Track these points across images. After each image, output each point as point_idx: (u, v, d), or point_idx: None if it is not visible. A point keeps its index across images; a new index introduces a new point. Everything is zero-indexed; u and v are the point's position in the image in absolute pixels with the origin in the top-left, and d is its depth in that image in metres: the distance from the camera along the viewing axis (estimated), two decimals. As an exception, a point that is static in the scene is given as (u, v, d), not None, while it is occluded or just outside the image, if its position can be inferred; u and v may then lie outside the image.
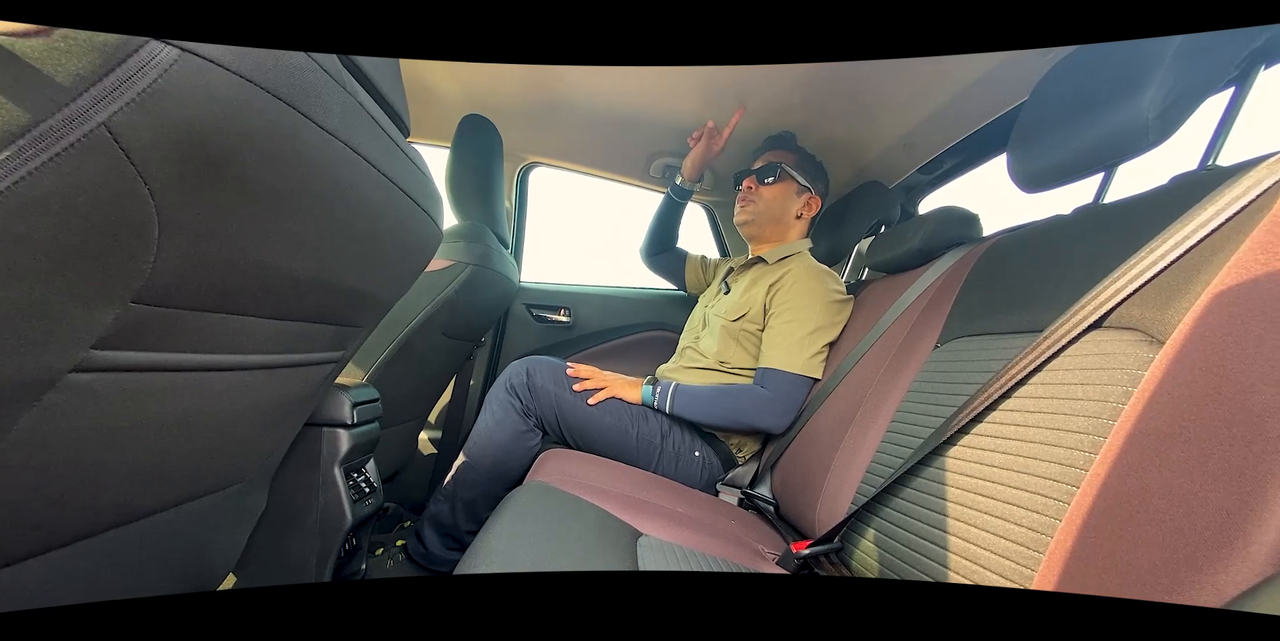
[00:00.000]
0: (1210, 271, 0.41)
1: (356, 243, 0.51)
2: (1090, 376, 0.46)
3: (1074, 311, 0.50)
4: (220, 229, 0.35)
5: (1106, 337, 0.47)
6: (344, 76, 0.42)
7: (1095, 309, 0.49)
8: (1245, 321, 0.34)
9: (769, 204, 1.19)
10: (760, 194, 1.19)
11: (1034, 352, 0.52)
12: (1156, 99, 0.50)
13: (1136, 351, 0.43)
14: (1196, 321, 0.38)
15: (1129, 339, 0.45)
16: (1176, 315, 0.41)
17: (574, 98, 1.32)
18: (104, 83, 0.26)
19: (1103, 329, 0.49)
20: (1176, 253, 0.44)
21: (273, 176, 0.36)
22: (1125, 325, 0.46)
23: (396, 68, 0.58)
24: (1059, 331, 0.51)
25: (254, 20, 0.33)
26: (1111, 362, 0.45)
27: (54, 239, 0.28)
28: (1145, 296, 0.46)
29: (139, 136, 0.28)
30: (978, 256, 0.79)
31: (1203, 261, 0.42)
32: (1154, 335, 0.43)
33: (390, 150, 0.50)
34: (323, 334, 0.59)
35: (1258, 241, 0.37)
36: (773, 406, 1.01)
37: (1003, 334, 0.62)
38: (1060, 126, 0.61)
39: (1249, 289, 0.35)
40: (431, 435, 1.66)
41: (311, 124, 0.37)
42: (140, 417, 0.39)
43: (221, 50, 0.30)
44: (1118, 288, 0.48)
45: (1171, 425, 0.35)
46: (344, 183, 0.43)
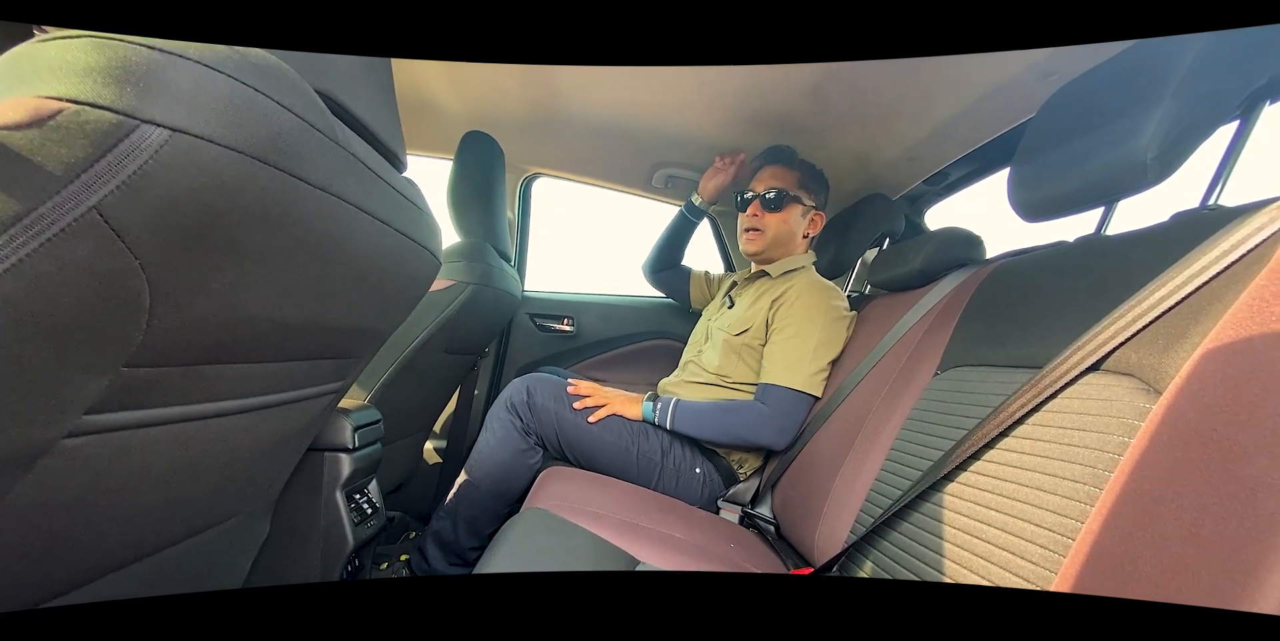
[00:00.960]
0: (1207, 321, 0.40)
1: (352, 286, 0.51)
2: (1087, 422, 0.46)
3: (1072, 351, 0.50)
4: (212, 289, 0.36)
5: (1104, 382, 0.47)
6: (336, 129, 0.42)
7: (1094, 350, 0.48)
8: (1239, 385, 0.33)
9: (778, 231, 1.16)
10: (767, 222, 1.16)
11: (1032, 391, 0.52)
12: (1155, 139, 0.49)
13: (1133, 400, 0.43)
14: (1191, 377, 0.37)
15: (1126, 386, 0.44)
16: (1173, 365, 0.41)
17: (576, 110, 1.32)
18: (94, 168, 0.27)
19: (1100, 372, 0.48)
20: (1174, 298, 0.44)
21: (264, 238, 0.36)
22: (1122, 370, 0.46)
23: (392, 104, 0.58)
24: (1057, 371, 0.50)
25: (259, 21, 0.33)
26: (1108, 410, 0.44)
27: (47, 317, 0.28)
28: (1143, 341, 0.45)
29: (130, 217, 0.28)
30: (980, 280, 0.78)
31: (1200, 309, 0.42)
32: (1150, 384, 0.42)
33: (385, 194, 0.50)
34: (322, 368, 0.60)
35: (1254, 295, 0.37)
36: (773, 423, 1.01)
37: (1002, 366, 0.62)
38: (1060, 158, 0.61)
39: (1243, 348, 0.35)
40: (437, 445, 1.67)
41: (303, 184, 0.37)
42: (138, 471, 0.40)
43: (214, 124, 0.30)
44: (1116, 329, 0.47)
45: (1164, 488, 0.35)
46: (337, 233, 0.44)
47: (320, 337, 0.53)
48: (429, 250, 0.64)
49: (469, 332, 1.20)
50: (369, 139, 0.52)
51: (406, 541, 1.32)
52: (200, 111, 0.29)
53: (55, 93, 0.26)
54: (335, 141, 0.41)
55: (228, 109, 0.31)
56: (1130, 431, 0.41)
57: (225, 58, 0.32)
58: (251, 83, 0.32)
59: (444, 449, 1.65)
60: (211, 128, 0.30)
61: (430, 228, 0.63)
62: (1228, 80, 0.48)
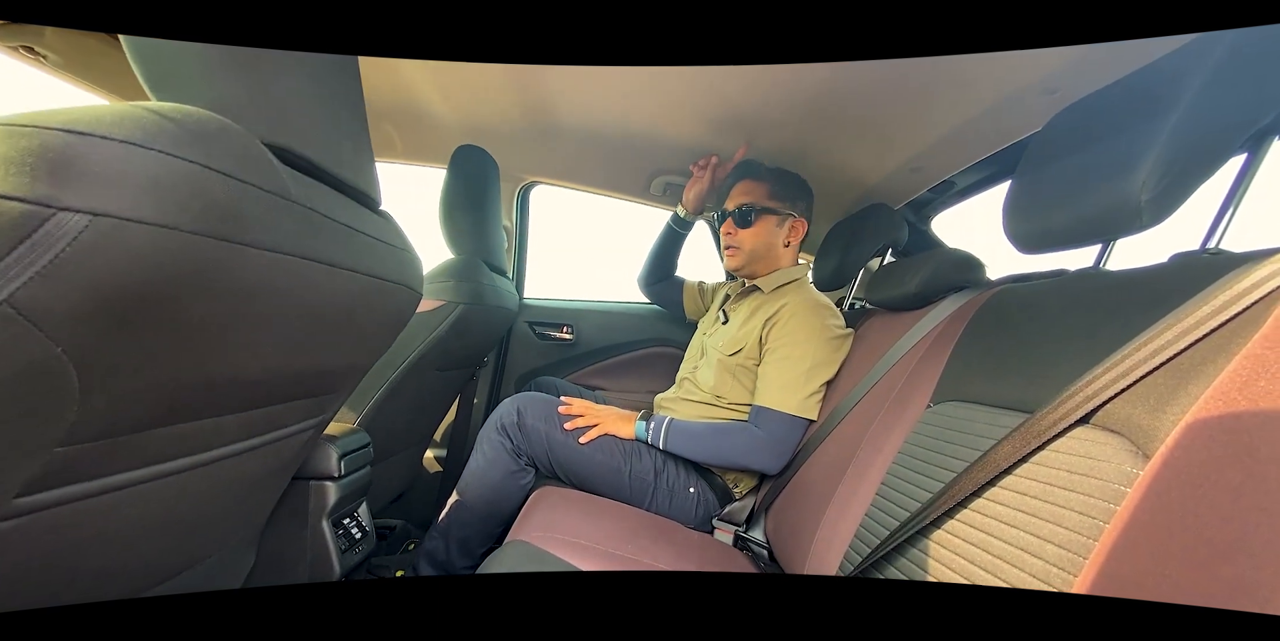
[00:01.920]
0: (1198, 383, 0.38)
1: (319, 334, 0.50)
2: (1075, 481, 0.44)
3: (1063, 400, 0.48)
4: (151, 363, 0.35)
5: (1093, 438, 0.44)
6: (289, 186, 0.41)
7: (1084, 401, 0.46)
8: (1223, 467, 0.31)
9: (753, 245, 1.16)
10: (742, 238, 1.16)
11: (1021, 439, 0.50)
12: (1150, 180, 0.46)
13: (1121, 463, 0.41)
14: (1176, 450, 0.35)
15: (1114, 445, 0.42)
16: (1162, 429, 0.38)
17: (571, 119, 1.30)
18: (5, 261, 0.26)
19: (1090, 426, 0.46)
20: (1168, 353, 0.41)
21: (206, 307, 0.35)
22: (1112, 427, 0.43)
23: (363, 142, 0.57)
24: (1047, 421, 0.48)
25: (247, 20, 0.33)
26: (1096, 471, 0.42)
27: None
28: (1134, 396, 0.43)
29: (46, 306, 0.27)
30: (976, 307, 0.75)
31: (1192, 369, 0.39)
32: (1139, 447, 0.40)
33: (353, 241, 0.49)
34: (296, 408, 0.59)
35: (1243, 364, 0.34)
36: (767, 448, 1.00)
37: (993, 406, 0.59)
38: (1054, 191, 0.58)
39: (1229, 426, 0.33)
40: (437, 453, 1.68)
41: (249, 249, 0.36)
42: (94, 536, 0.40)
43: (140, 203, 0.29)
44: (1108, 381, 0.45)
45: (1143, 577, 0.33)
46: (295, 290, 0.43)
47: (290, 383, 0.53)
48: (406, 285, 0.63)
49: (461, 351, 1.19)
50: (334, 184, 0.50)
51: (406, 552, 1.33)
52: (124, 192, 0.28)
53: (-39, 187, 0.25)
54: (288, 199, 0.40)
55: (155, 186, 0.30)
56: (1117, 497, 0.39)
57: (157, 131, 0.31)
58: (185, 154, 0.31)
59: (444, 457, 1.66)
60: (137, 207, 0.29)
61: (407, 262, 0.62)
62: (1231, 116, 0.45)
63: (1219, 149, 0.47)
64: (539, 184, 1.68)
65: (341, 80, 0.52)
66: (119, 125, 0.29)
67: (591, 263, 2.54)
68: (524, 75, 1.12)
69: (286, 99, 0.43)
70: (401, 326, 0.68)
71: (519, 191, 1.66)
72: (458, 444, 1.64)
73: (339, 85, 0.51)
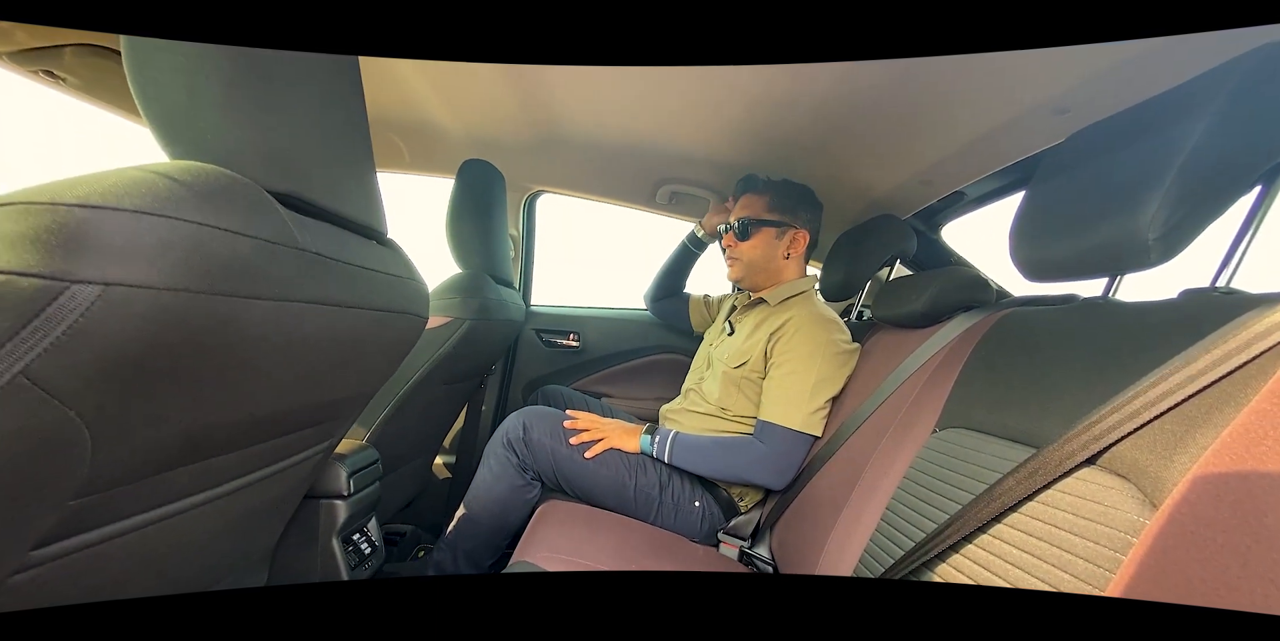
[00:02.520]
0: (1206, 433, 0.37)
1: (328, 370, 0.51)
2: (1082, 527, 0.43)
3: (1069, 438, 0.47)
4: (160, 415, 0.36)
5: (1100, 481, 0.44)
6: (295, 233, 0.41)
7: (1091, 441, 0.45)
8: (1229, 529, 0.31)
9: (751, 257, 1.17)
10: (740, 251, 1.18)
11: (1027, 475, 0.49)
12: (1158, 219, 0.45)
13: (1128, 512, 0.40)
14: (1183, 506, 0.35)
15: (1122, 492, 0.42)
16: (1169, 479, 0.38)
17: (577, 129, 1.30)
18: (20, 335, 0.27)
19: (1097, 467, 0.45)
20: (1176, 397, 0.41)
21: (215, 360, 0.36)
22: (1120, 471, 0.43)
23: (368, 175, 0.57)
24: (1053, 458, 0.48)
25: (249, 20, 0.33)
26: (1105, 517, 0.42)
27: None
28: (1142, 439, 0.42)
29: (59, 375, 0.28)
30: (984, 330, 0.75)
31: (1200, 416, 0.39)
32: (1148, 495, 0.40)
33: (358, 278, 0.50)
34: (306, 436, 0.60)
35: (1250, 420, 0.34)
36: (771, 463, 1.00)
37: (999, 437, 0.59)
38: (1063, 220, 0.57)
39: (1236, 485, 0.32)
40: (446, 459, 1.70)
41: (255, 301, 0.37)
42: (108, 575, 0.41)
43: (150, 270, 0.30)
44: (1116, 421, 0.44)
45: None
46: (302, 333, 0.43)
47: (299, 416, 0.54)
48: (412, 313, 0.63)
49: (468, 364, 1.20)
50: (340, 222, 0.51)
51: (416, 559, 1.35)
52: (134, 260, 0.29)
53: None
54: (295, 246, 0.41)
55: (164, 251, 0.30)
56: (1124, 547, 0.39)
57: (167, 195, 0.31)
58: (193, 217, 0.32)
59: (453, 464, 1.68)
60: (147, 274, 0.30)
61: (413, 291, 0.63)
62: (1243, 154, 0.44)
63: (1230, 188, 0.46)
64: (545, 192, 1.68)
65: (346, 114, 0.52)
66: (130, 195, 0.29)
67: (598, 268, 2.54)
68: (529, 87, 1.12)
69: (293, 145, 0.43)
70: (405, 352, 0.69)
71: (525, 200, 1.66)
72: (466, 450, 1.66)
73: (344, 121, 0.51)
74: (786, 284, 1.18)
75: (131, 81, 0.37)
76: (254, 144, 0.40)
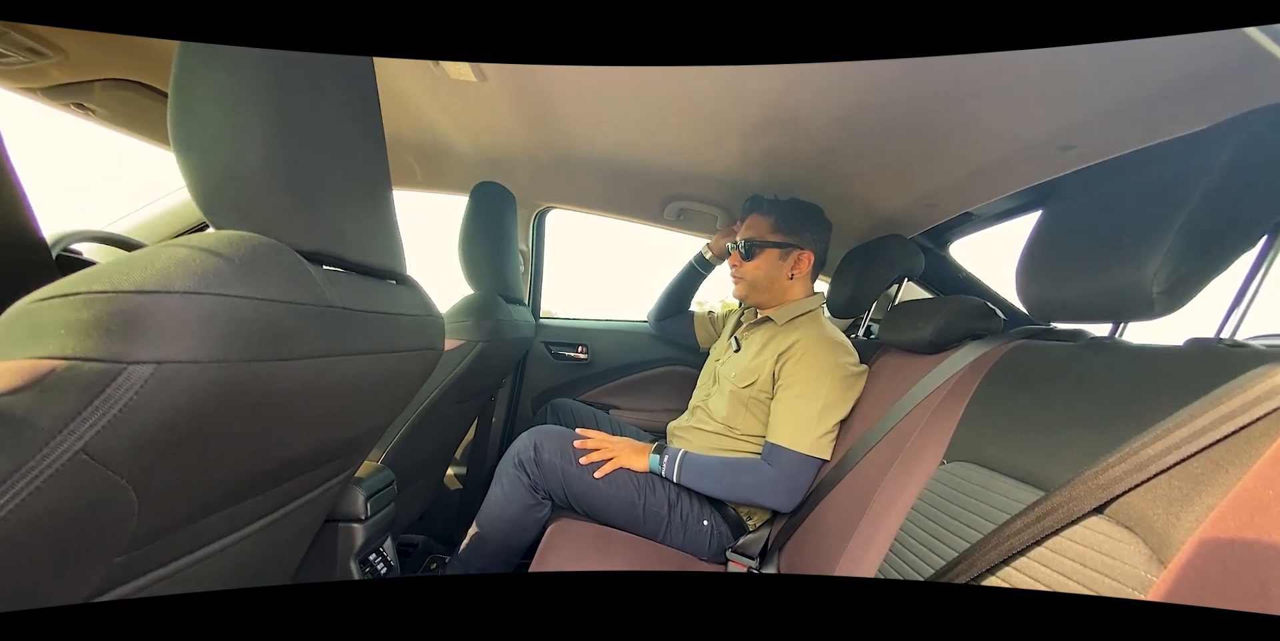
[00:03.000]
0: (1212, 492, 0.38)
1: (350, 412, 0.53)
2: (1089, 578, 0.44)
3: (1077, 484, 0.48)
4: (200, 470, 0.37)
5: (1107, 532, 0.45)
6: (324, 292, 0.43)
7: (1099, 489, 0.46)
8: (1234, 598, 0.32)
9: (755, 277, 1.19)
10: (745, 271, 1.20)
11: (1036, 518, 0.50)
12: (1163, 274, 0.46)
13: (1135, 566, 0.41)
14: (1189, 570, 0.36)
15: (1130, 545, 0.43)
16: (1177, 538, 0.39)
17: (586, 148, 1.32)
18: (81, 416, 0.28)
19: (1104, 516, 0.46)
20: (1183, 452, 0.42)
21: (249, 419, 0.38)
22: (1128, 523, 0.44)
23: (390, 220, 0.59)
24: (1061, 505, 0.49)
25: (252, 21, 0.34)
26: (1113, 571, 0.43)
27: (39, 546, 0.30)
28: (1149, 493, 0.43)
29: (115, 450, 0.30)
30: (992, 362, 0.75)
31: (1207, 474, 0.40)
32: (1155, 551, 0.41)
33: (381, 324, 0.52)
34: (328, 469, 0.62)
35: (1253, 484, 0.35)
36: (780, 486, 1.01)
37: (1008, 476, 0.60)
38: (1069, 262, 0.57)
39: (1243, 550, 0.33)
40: (457, 471, 1.72)
41: (290, 361, 0.39)
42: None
43: (199, 346, 0.31)
44: (1123, 471, 0.45)
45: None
46: (331, 382, 0.45)
47: (322, 455, 0.56)
48: (430, 349, 0.65)
49: (481, 383, 1.22)
50: (365, 270, 0.53)
51: (429, 571, 1.37)
52: (185, 339, 0.31)
53: (48, 352, 0.28)
54: (325, 305, 0.42)
55: (210, 327, 0.32)
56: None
57: (214, 272, 0.33)
58: (237, 291, 0.34)
59: (464, 475, 1.70)
60: (196, 350, 0.31)
61: (431, 327, 0.65)
62: (1247, 212, 0.45)
63: (1234, 246, 0.46)
64: (555, 208, 1.70)
65: (373, 165, 0.54)
66: (179, 276, 0.31)
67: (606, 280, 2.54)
68: (539, 108, 1.13)
69: (325, 205, 0.45)
70: (421, 383, 0.71)
71: (535, 216, 1.68)
72: (477, 461, 1.67)
73: (371, 172, 0.53)
74: (793, 303, 1.19)
75: (177, 150, 0.39)
76: (290, 210, 0.42)
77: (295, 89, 0.42)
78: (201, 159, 0.39)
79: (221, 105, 0.38)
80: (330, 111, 0.47)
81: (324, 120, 0.46)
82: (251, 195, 0.40)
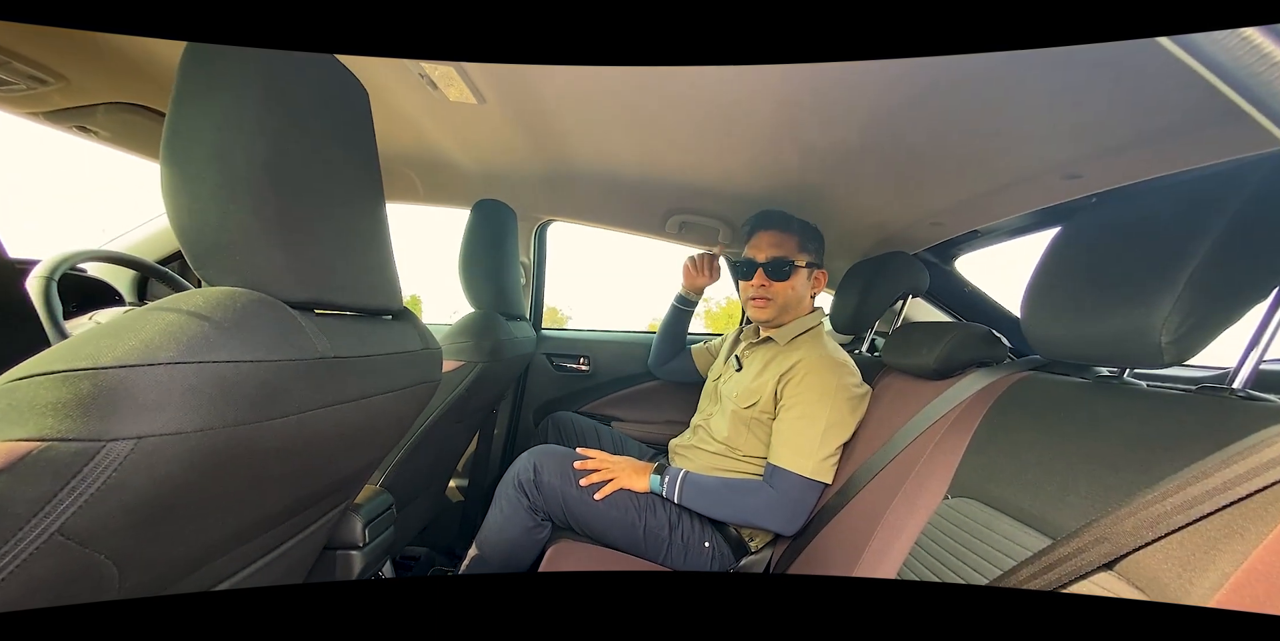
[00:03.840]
0: (1227, 558, 0.37)
1: (343, 455, 0.52)
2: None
3: (1084, 533, 0.47)
4: (182, 534, 0.37)
5: (1117, 590, 0.44)
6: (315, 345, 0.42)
7: (1108, 544, 0.45)
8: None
9: (786, 298, 1.15)
10: (775, 291, 1.15)
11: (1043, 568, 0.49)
12: (1171, 324, 0.45)
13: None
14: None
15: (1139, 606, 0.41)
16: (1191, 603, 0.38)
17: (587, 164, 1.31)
18: (57, 498, 0.28)
19: (1114, 573, 0.45)
20: (1196, 512, 0.40)
21: (233, 480, 0.37)
22: (1138, 583, 0.43)
23: (386, 260, 0.58)
24: (1069, 557, 0.47)
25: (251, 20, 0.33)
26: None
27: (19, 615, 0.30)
28: (1160, 552, 0.42)
29: (92, 528, 0.29)
30: (999, 392, 0.74)
31: (1221, 538, 0.38)
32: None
33: (376, 366, 0.51)
34: (318, 509, 0.61)
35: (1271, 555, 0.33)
36: (782, 509, 0.99)
37: (1013, 518, 0.58)
38: (1076, 302, 0.56)
39: (1259, 626, 0.32)
40: (459, 483, 1.72)
41: (275, 421, 0.38)
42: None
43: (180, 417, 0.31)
44: (1133, 526, 0.44)
45: None
46: (321, 432, 0.44)
47: (310, 498, 0.55)
48: (426, 382, 0.64)
49: (480, 402, 1.22)
50: (359, 310, 0.52)
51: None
52: (168, 411, 0.30)
53: (25, 434, 0.27)
54: (315, 357, 0.42)
55: (197, 395, 0.31)
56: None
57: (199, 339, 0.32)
58: (221, 356, 0.33)
59: (465, 487, 1.70)
60: (179, 422, 0.31)
61: (427, 360, 0.64)
62: (1258, 264, 0.44)
63: (1247, 295, 0.45)
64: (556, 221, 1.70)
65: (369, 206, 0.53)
66: (165, 345, 0.31)
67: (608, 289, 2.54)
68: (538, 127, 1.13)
69: (316, 254, 0.44)
70: (419, 412, 0.70)
71: (536, 229, 1.68)
72: (479, 474, 1.67)
73: (367, 214, 0.53)
74: (794, 322, 1.17)
75: (167, 205, 0.39)
76: (281, 261, 0.41)
77: (287, 135, 0.41)
78: (190, 215, 0.38)
79: (211, 162, 0.38)
80: (323, 151, 0.46)
81: (317, 162, 0.45)
82: (242, 250, 0.39)
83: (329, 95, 0.48)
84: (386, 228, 0.58)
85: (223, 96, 0.38)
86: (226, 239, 0.39)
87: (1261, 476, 0.38)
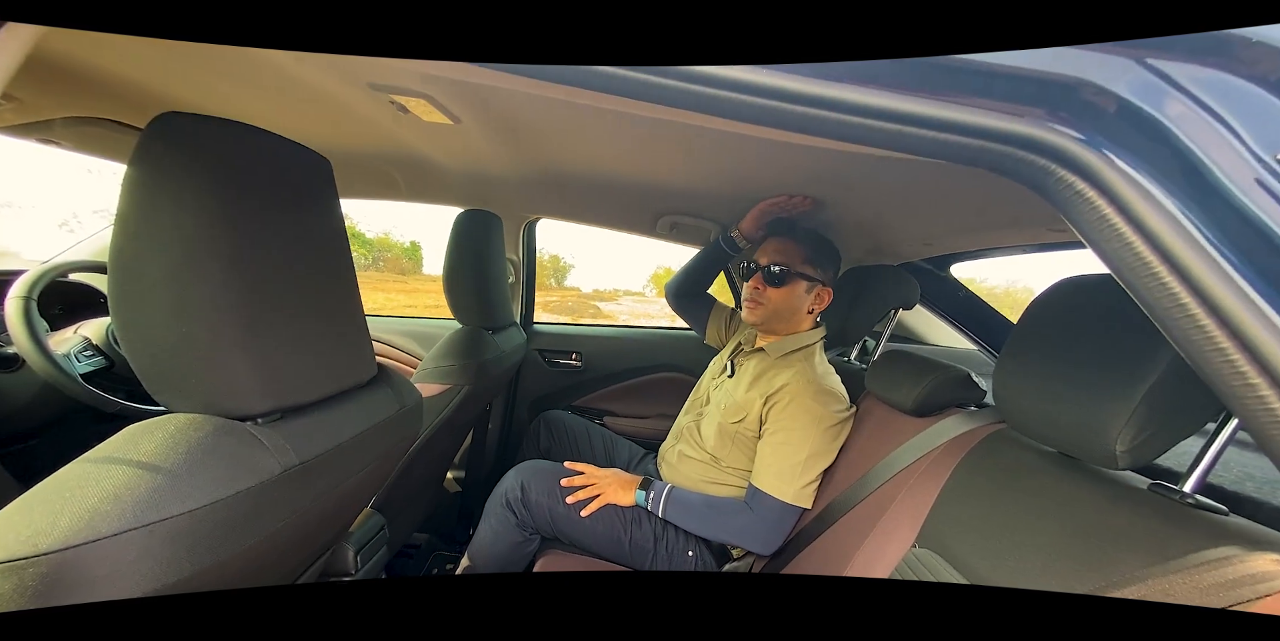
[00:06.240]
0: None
1: (316, 530, 0.54)
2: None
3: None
4: None
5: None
6: (276, 461, 0.41)
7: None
8: None
9: (778, 306, 1.13)
10: (768, 296, 1.13)
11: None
12: (1127, 434, 0.46)
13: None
14: None
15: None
16: None
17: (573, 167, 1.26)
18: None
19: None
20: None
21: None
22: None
23: (357, 321, 0.57)
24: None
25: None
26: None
27: None
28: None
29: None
30: (972, 444, 0.75)
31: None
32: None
33: (349, 450, 0.51)
34: (306, 560, 0.64)
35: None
36: (760, 532, 1.03)
37: (964, 579, 0.61)
38: (1039, 378, 0.56)
39: None
40: (456, 474, 1.77)
41: (244, 544, 0.38)
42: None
43: (132, 583, 0.31)
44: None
45: None
46: (292, 530, 0.45)
47: (296, 566, 0.57)
48: (405, 437, 0.65)
49: (470, 416, 1.23)
50: (329, 397, 0.52)
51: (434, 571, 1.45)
52: (117, 582, 0.31)
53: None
54: (283, 470, 0.42)
55: (147, 560, 0.32)
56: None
57: (148, 498, 0.32)
58: (176, 509, 0.33)
59: (463, 478, 1.75)
60: (131, 588, 0.31)
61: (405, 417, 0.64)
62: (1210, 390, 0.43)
63: (1197, 416, 0.46)
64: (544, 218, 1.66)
65: (330, 279, 0.51)
66: (111, 514, 0.31)
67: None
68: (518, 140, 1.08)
69: (282, 359, 0.43)
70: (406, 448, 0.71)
71: (524, 227, 1.64)
72: (476, 465, 1.71)
73: (328, 286, 0.51)
74: (792, 337, 1.16)
75: (118, 328, 0.37)
76: (244, 377, 0.40)
77: (246, 230, 0.39)
78: (144, 341, 0.37)
79: (166, 285, 0.36)
80: (284, 234, 0.44)
81: (277, 248, 0.43)
82: (201, 372, 0.38)
83: (287, 178, 0.45)
84: (355, 295, 0.57)
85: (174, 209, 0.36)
86: (183, 364, 0.38)
87: (1209, 598, 0.39)
